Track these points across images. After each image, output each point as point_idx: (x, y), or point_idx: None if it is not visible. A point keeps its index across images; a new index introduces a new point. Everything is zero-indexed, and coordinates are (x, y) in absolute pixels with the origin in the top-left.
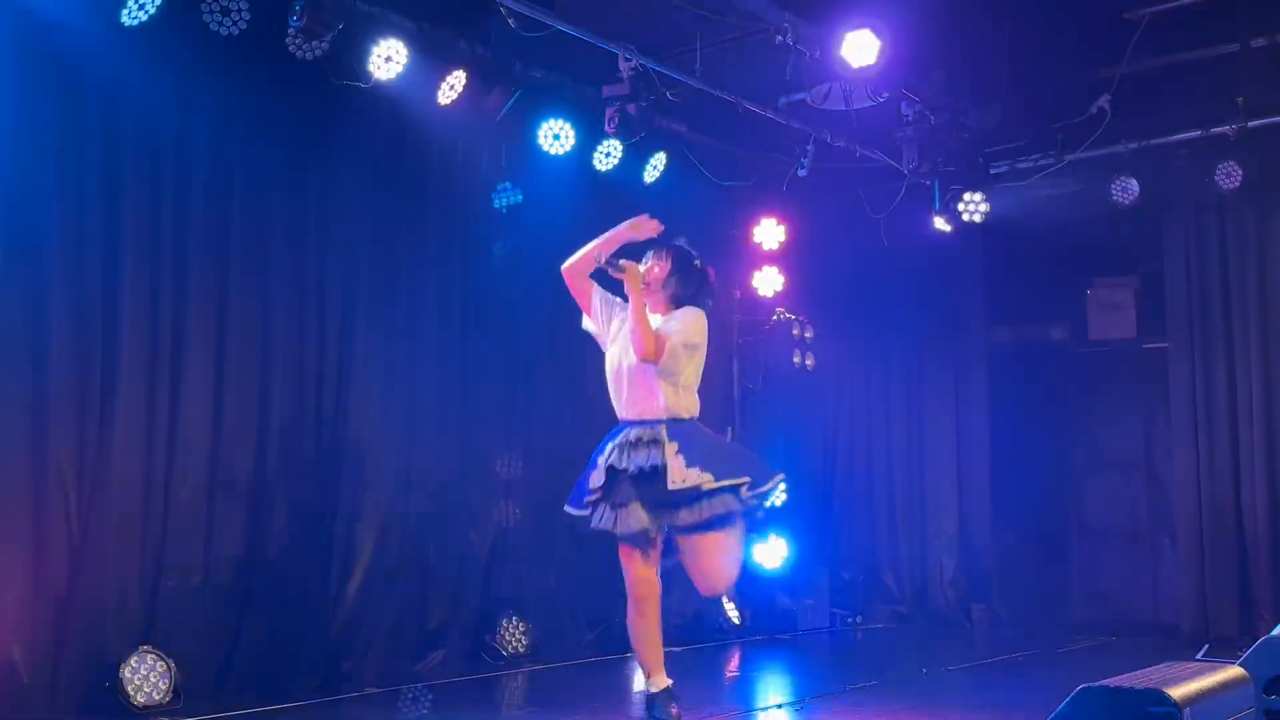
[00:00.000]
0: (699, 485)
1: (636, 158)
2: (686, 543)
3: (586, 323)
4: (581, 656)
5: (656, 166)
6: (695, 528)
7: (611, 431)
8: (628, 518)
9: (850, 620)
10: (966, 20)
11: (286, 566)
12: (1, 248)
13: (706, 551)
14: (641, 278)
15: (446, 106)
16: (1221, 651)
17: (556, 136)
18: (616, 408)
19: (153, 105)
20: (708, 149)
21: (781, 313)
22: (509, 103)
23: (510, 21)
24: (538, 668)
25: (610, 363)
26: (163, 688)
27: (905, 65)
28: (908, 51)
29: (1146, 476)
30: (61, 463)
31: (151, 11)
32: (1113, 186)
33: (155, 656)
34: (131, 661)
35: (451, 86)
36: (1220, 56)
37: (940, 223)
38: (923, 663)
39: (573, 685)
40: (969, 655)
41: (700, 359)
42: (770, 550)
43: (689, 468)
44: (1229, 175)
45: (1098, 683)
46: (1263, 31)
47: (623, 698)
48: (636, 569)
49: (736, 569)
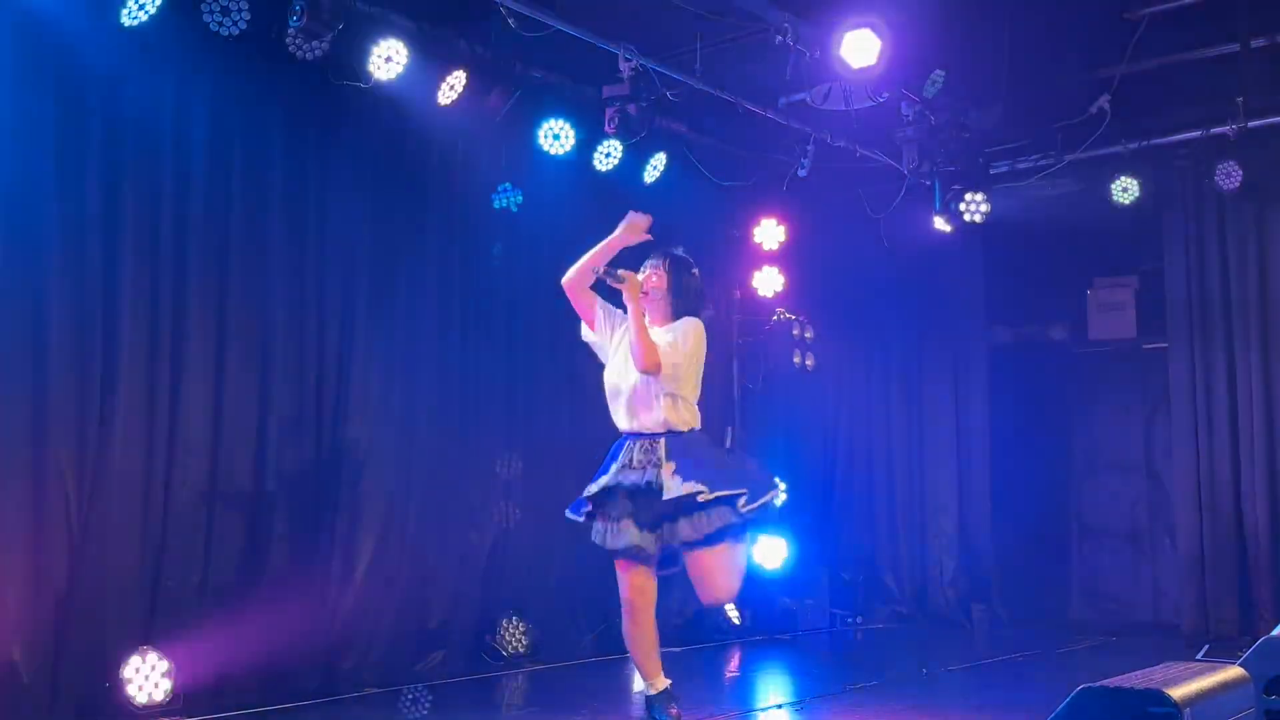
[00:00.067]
0: (694, 495)
1: (636, 158)
2: (689, 557)
3: (586, 334)
4: (581, 656)
5: (656, 166)
6: (696, 543)
7: (614, 446)
8: (620, 534)
9: (850, 620)
10: (966, 20)
11: (286, 566)
12: (1, 248)
13: (708, 567)
14: (640, 287)
15: (446, 106)
16: (1221, 651)
17: (556, 136)
18: (616, 420)
19: (152, 105)
20: (708, 149)
21: (781, 313)
22: (509, 103)
23: (510, 21)
24: (538, 668)
25: (610, 375)
26: (163, 688)
27: (905, 65)
28: (908, 52)
29: (1146, 476)
30: (61, 463)
31: (151, 11)
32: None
33: (155, 656)
34: (131, 661)
35: (451, 86)
36: (1220, 56)
37: (940, 223)
38: (923, 663)
39: (573, 685)
40: (969, 655)
41: (700, 371)
42: (770, 550)
43: (685, 481)
44: (1229, 175)
45: (1098, 683)
46: (1263, 31)
47: (623, 698)
48: (630, 578)
49: (739, 581)
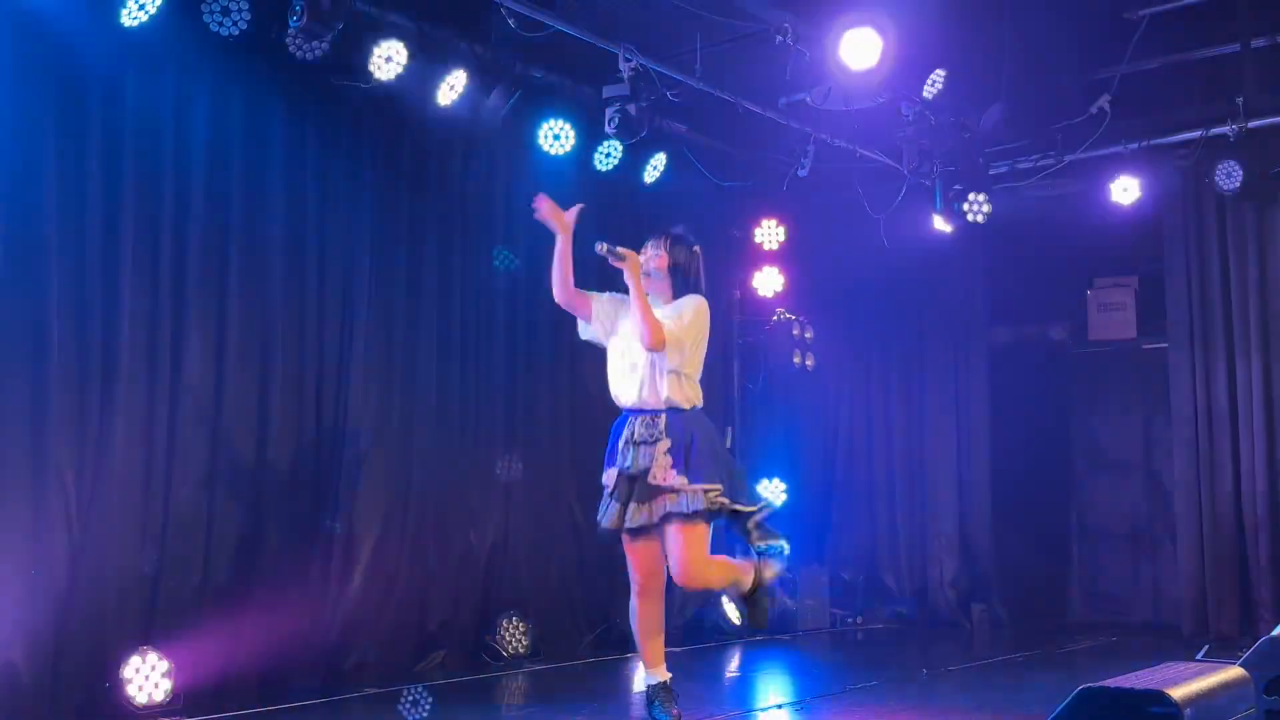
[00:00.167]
0: (674, 486)
1: (636, 158)
2: (666, 530)
3: (584, 331)
4: (581, 656)
5: (656, 166)
6: (669, 517)
7: (617, 424)
8: (610, 513)
9: (850, 620)
10: (967, 20)
11: (286, 566)
12: (1, 248)
13: (672, 540)
14: (641, 265)
15: (446, 106)
16: (1221, 651)
17: (557, 137)
18: (617, 396)
19: (152, 105)
20: (708, 149)
21: (781, 313)
22: (509, 103)
23: (510, 21)
24: (538, 668)
25: (613, 353)
26: (163, 688)
27: (906, 66)
28: (908, 52)
29: (1146, 476)
30: (61, 462)
31: (151, 11)
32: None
33: (155, 656)
34: (131, 661)
35: (451, 86)
36: (1220, 56)
37: (940, 223)
38: (923, 663)
39: (573, 685)
40: (969, 655)
41: (704, 348)
42: None
43: (671, 468)
44: (1229, 175)
45: (1098, 683)
46: (1263, 31)
47: (623, 698)
48: (633, 558)
49: (702, 564)
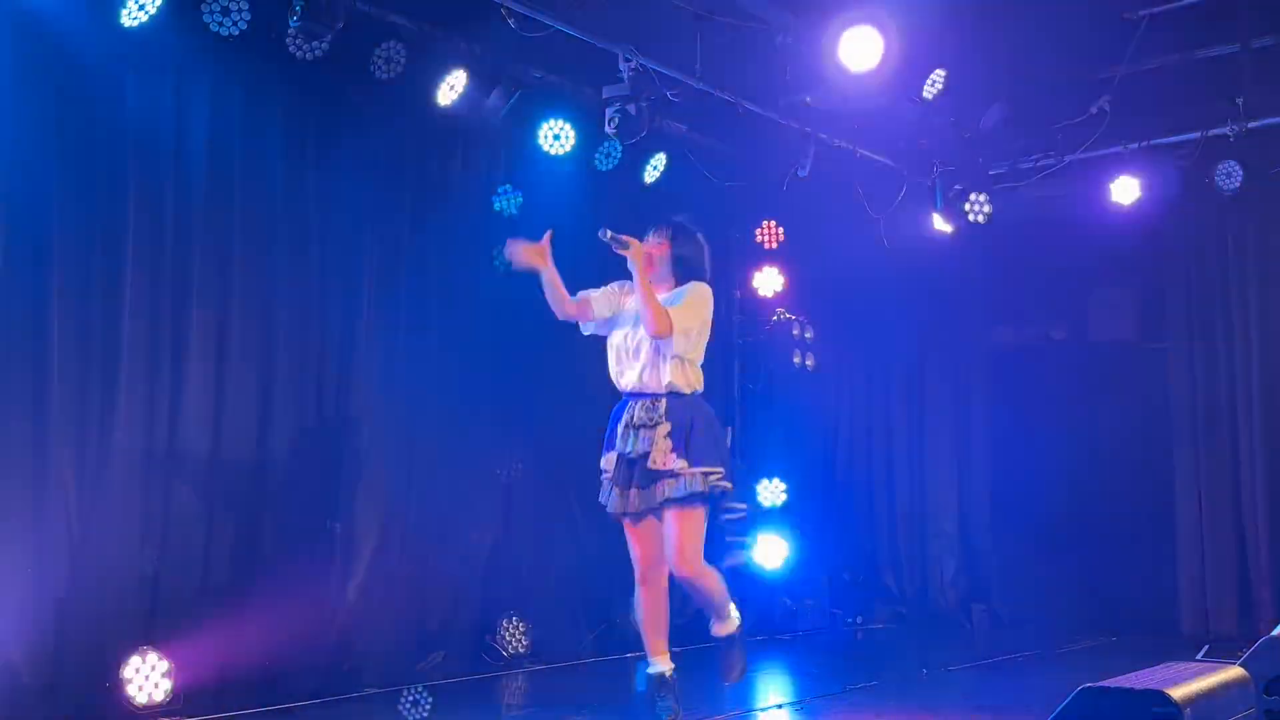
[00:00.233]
0: (674, 470)
1: (636, 158)
2: (665, 515)
3: (587, 328)
4: (581, 656)
5: (656, 166)
6: (670, 502)
7: (616, 409)
8: (614, 497)
9: (850, 620)
10: (967, 20)
11: (286, 566)
12: (2, 248)
13: (669, 526)
14: (644, 252)
15: (446, 106)
16: (1221, 651)
17: (557, 137)
18: (617, 380)
19: (152, 105)
20: (708, 149)
21: (781, 313)
22: (509, 103)
23: (510, 22)
24: (538, 668)
25: (615, 337)
26: (163, 688)
27: (906, 66)
28: (908, 52)
29: (1146, 476)
30: (61, 462)
31: (151, 11)
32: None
33: (155, 656)
34: (131, 661)
35: (451, 87)
36: (1220, 56)
37: (940, 222)
38: (923, 663)
39: (573, 685)
40: (969, 655)
41: (706, 334)
42: (770, 550)
43: (671, 452)
44: (1229, 175)
45: (1098, 683)
46: (1263, 31)
47: (623, 698)
48: (634, 543)
49: (698, 552)
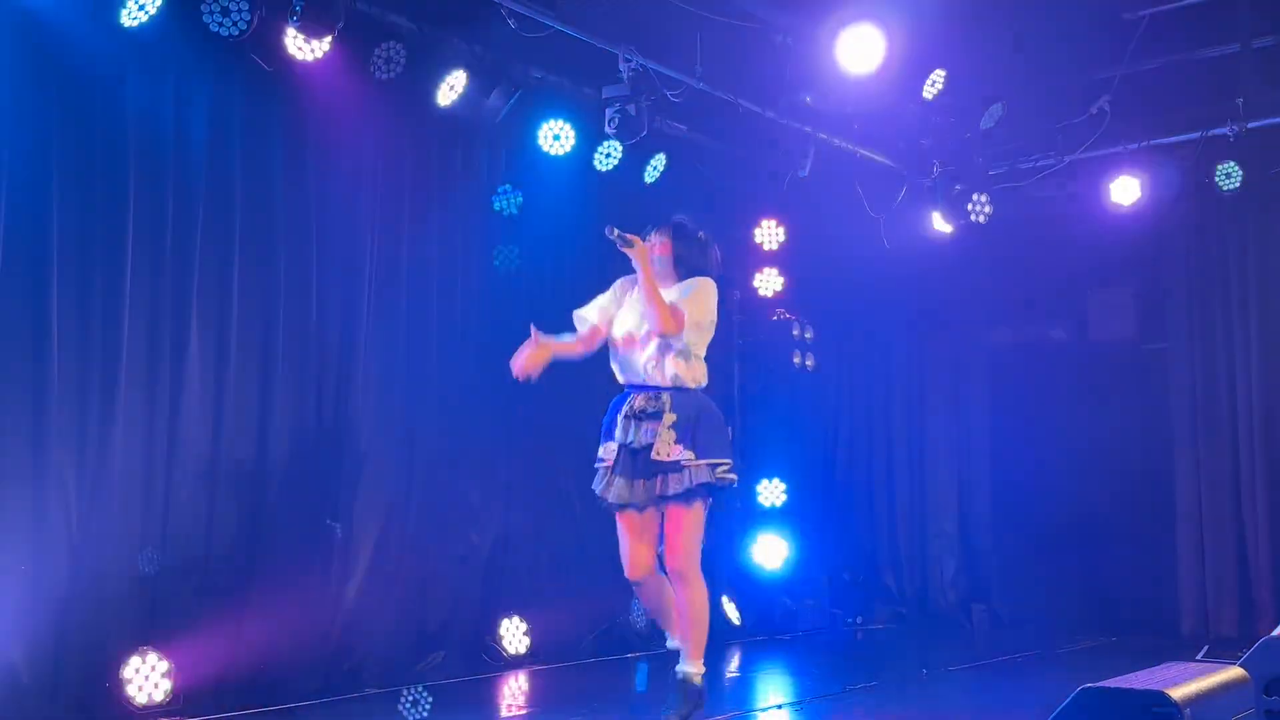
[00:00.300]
0: (679, 461)
1: (636, 158)
2: (667, 510)
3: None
4: (581, 656)
5: (656, 167)
6: (674, 497)
7: (616, 400)
8: (613, 488)
9: (850, 620)
10: (967, 20)
11: (286, 566)
12: (2, 248)
13: (670, 520)
14: (647, 252)
15: (446, 106)
16: (1221, 651)
17: (557, 137)
18: (619, 374)
19: (153, 105)
20: (708, 149)
21: (781, 313)
22: (509, 103)
23: (510, 22)
24: (538, 668)
25: (619, 330)
26: (163, 688)
27: (906, 66)
28: (908, 52)
29: (1146, 476)
30: (61, 463)
31: (151, 12)
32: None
33: (155, 656)
34: (131, 661)
35: (451, 87)
36: (1220, 56)
37: (940, 222)
38: (923, 663)
39: (573, 685)
40: (969, 655)
41: (712, 328)
42: (770, 550)
43: (676, 443)
44: (1229, 175)
45: (1098, 683)
46: (1263, 32)
47: (623, 698)
48: (628, 539)
49: (695, 550)
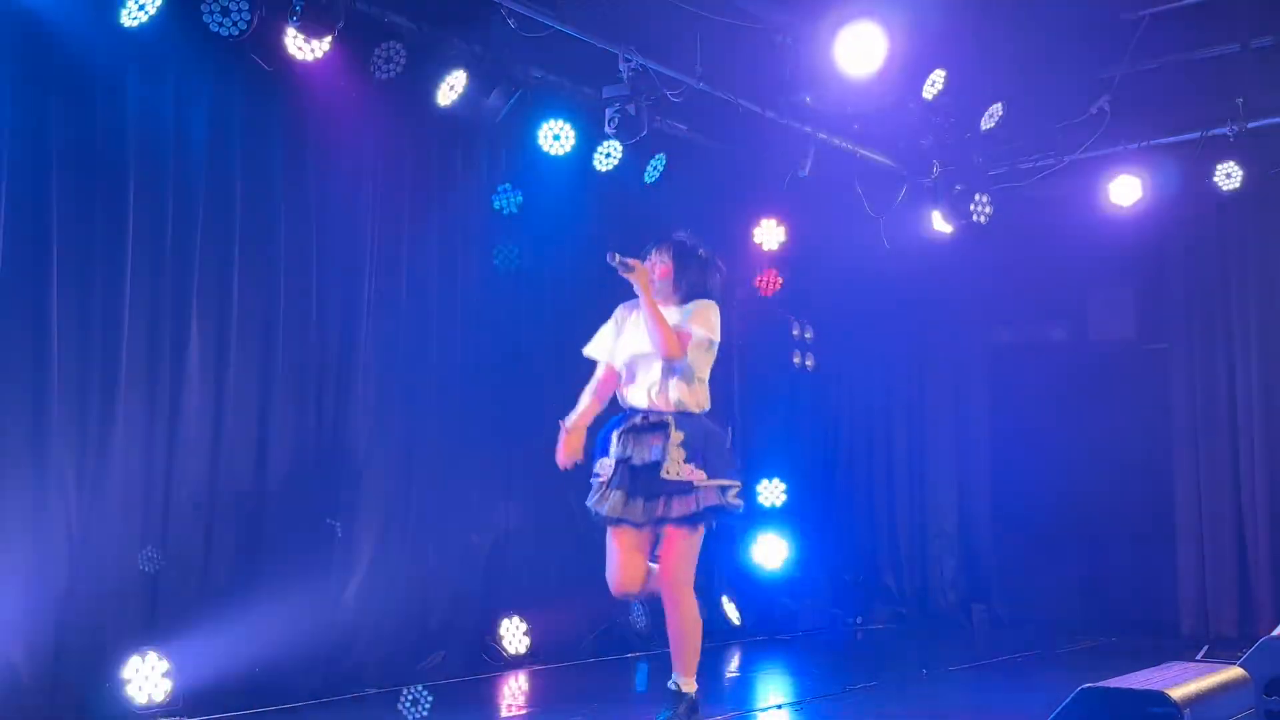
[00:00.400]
0: (691, 480)
1: (636, 158)
2: (665, 532)
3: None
4: (581, 656)
5: (656, 167)
6: (681, 520)
7: (615, 419)
8: (608, 501)
9: (850, 620)
10: (967, 20)
11: (287, 566)
12: (3, 248)
13: (669, 541)
14: (649, 275)
15: (446, 106)
16: (1221, 651)
17: (557, 137)
18: (624, 398)
19: (153, 105)
20: (708, 149)
21: (781, 313)
22: (509, 103)
23: (510, 22)
24: (538, 668)
25: (621, 354)
26: (163, 688)
27: (906, 65)
28: (908, 52)
29: (1146, 476)
30: (61, 463)
31: (151, 12)
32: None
33: (155, 656)
34: (131, 661)
35: (451, 87)
36: (1220, 56)
37: (940, 222)
38: (923, 663)
39: (573, 685)
40: (969, 655)
41: (714, 351)
42: (770, 550)
43: (686, 462)
44: (1229, 175)
45: (1098, 683)
46: (1263, 31)
47: (623, 698)
48: (619, 555)
49: (689, 573)
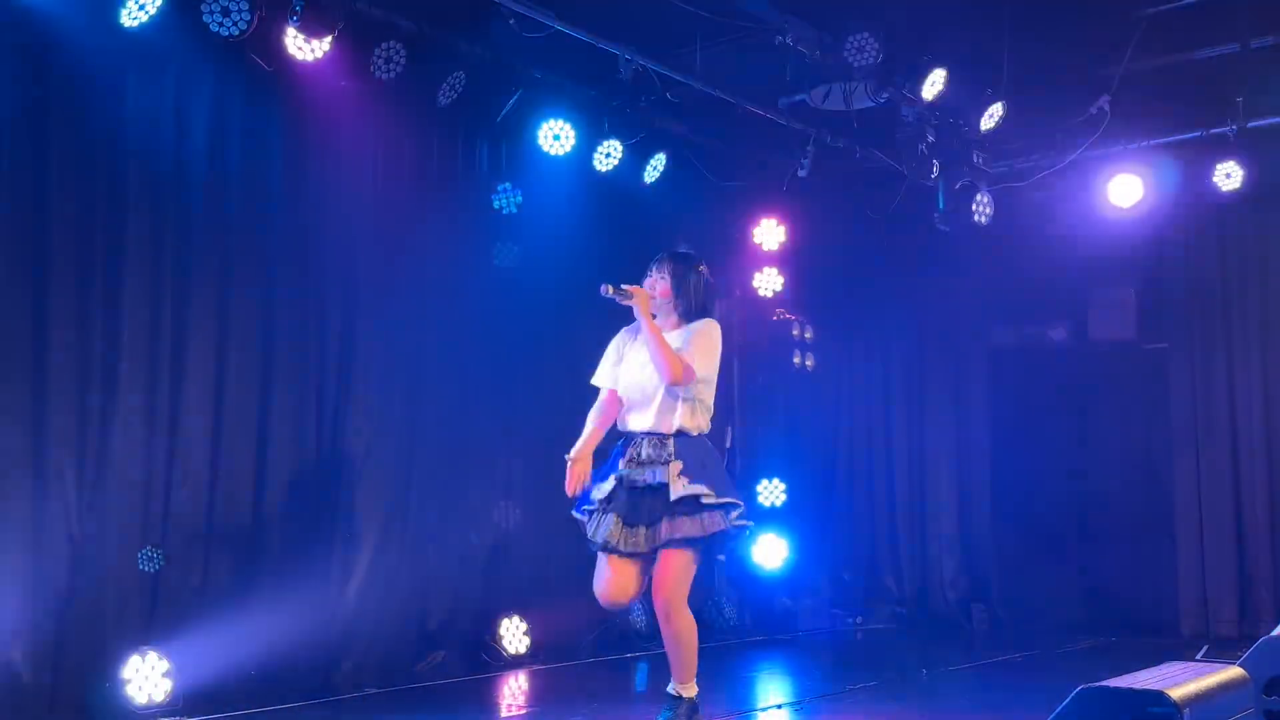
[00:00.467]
0: (698, 495)
1: (636, 158)
2: (663, 554)
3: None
4: (581, 656)
5: (656, 167)
6: (686, 542)
7: (619, 445)
8: (604, 527)
9: (850, 620)
10: (967, 20)
11: (286, 566)
12: (3, 248)
13: (664, 560)
14: (649, 299)
15: (446, 106)
16: (1221, 651)
17: (557, 137)
18: (625, 423)
19: (153, 105)
20: (708, 149)
21: (781, 313)
22: (509, 103)
23: (510, 22)
24: (538, 668)
25: (625, 379)
26: (163, 688)
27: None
28: (908, 51)
29: (1146, 476)
30: (61, 462)
31: (151, 12)
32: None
33: (155, 656)
34: (131, 661)
35: (451, 87)
36: (1220, 56)
37: (940, 222)
38: (923, 663)
39: (573, 685)
40: (969, 655)
41: (716, 372)
42: (770, 550)
43: (692, 483)
44: (1229, 175)
45: (1098, 683)
46: (1263, 31)
47: (623, 698)
48: (612, 576)
49: (684, 592)
